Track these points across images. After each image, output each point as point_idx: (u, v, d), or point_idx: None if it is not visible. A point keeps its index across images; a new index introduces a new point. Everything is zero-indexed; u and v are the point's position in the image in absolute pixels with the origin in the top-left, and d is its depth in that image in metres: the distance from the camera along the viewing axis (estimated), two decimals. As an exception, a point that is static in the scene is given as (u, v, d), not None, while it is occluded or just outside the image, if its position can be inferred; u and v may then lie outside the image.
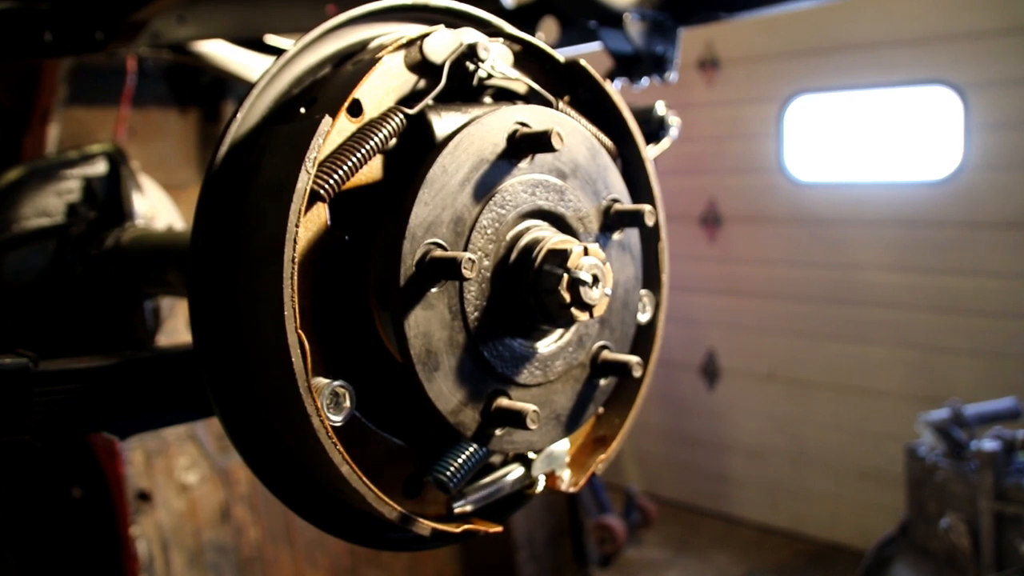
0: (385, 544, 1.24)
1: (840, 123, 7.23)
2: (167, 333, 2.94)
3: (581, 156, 1.21)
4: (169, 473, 4.36)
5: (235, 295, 1.08)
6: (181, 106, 4.40)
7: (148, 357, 1.46)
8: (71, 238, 2.11)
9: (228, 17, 2.12)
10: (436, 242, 1.04)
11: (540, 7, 2.50)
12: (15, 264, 2.09)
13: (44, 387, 1.31)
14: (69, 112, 3.58)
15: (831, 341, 7.19)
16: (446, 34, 1.17)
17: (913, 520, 4.88)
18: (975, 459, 4.48)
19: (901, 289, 6.78)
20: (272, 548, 4.79)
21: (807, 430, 7.44)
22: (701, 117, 7.65)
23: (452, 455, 1.17)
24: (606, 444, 1.34)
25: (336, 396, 1.04)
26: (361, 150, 1.07)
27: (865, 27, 6.70)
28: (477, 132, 1.09)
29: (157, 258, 1.93)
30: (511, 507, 1.33)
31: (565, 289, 1.08)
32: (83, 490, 2.43)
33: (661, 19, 2.45)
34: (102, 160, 2.31)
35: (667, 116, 1.94)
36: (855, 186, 7.10)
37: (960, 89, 6.36)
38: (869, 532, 5.96)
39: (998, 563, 4.34)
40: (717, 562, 7.35)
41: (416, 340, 1.03)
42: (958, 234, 6.51)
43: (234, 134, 1.14)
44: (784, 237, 7.42)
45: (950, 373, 6.57)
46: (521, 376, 1.14)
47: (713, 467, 8.10)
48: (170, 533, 4.34)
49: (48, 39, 2.04)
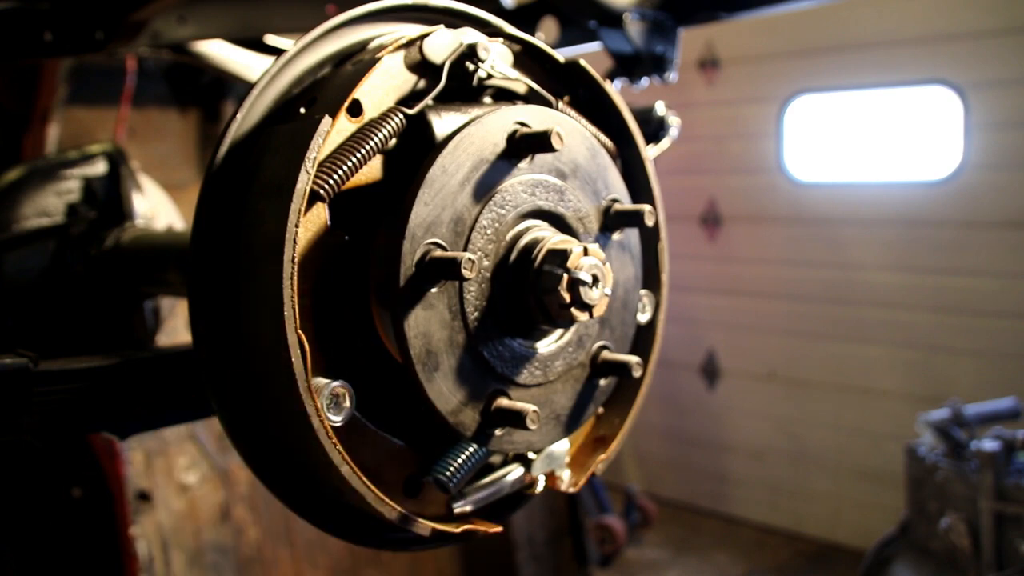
0: (385, 544, 1.24)
1: (840, 123, 7.23)
2: (167, 333, 2.94)
3: (581, 156, 1.21)
4: (169, 473, 4.36)
5: (235, 295, 1.08)
6: (181, 106, 4.40)
7: (148, 357, 1.46)
8: (71, 238, 2.11)
9: (228, 17, 2.12)
10: (436, 242, 1.04)
11: (540, 7, 2.50)
12: (15, 264, 2.09)
13: (44, 387, 1.32)
14: (69, 112, 3.58)
15: (831, 341, 7.19)
16: (446, 34, 1.17)
17: (913, 520, 4.88)
18: (975, 459, 4.47)
19: (901, 289, 6.78)
20: (272, 548, 4.78)
21: (807, 430, 7.44)
22: (701, 117, 7.65)
23: (452, 455, 1.17)
24: (606, 444, 1.34)
25: (336, 396, 1.04)
26: (361, 150, 1.07)
27: (865, 27, 6.69)
28: (477, 132, 1.09)
29: (157, 258, 1.93)
30: (511, 507, 1.33)
31: (565, 289, 1.08)
32: (83, 490, 2.43)
33: (661, 19, 2.45)
34: (102, 160, 2.31)
35: (667, 116, 1.95)
36: (855, 186, 7.09)
37: (960, 89, 6.35)
38: (869, 532, 5.95)
39: (998, 563, 4.34)
40: (717, 562, 7.34)
41: (416, 340, 1.03)
42: (958, 234, 6.50)
43: (234, 134, 1.14)
44: (784, 237, 7.42)
45: (950, 373, 6.57)
46: (521, 376, 1.14)
47: (713, 467, 8.10)
48: (170, 533, 4.34)
49: (48, 39, 2.04)
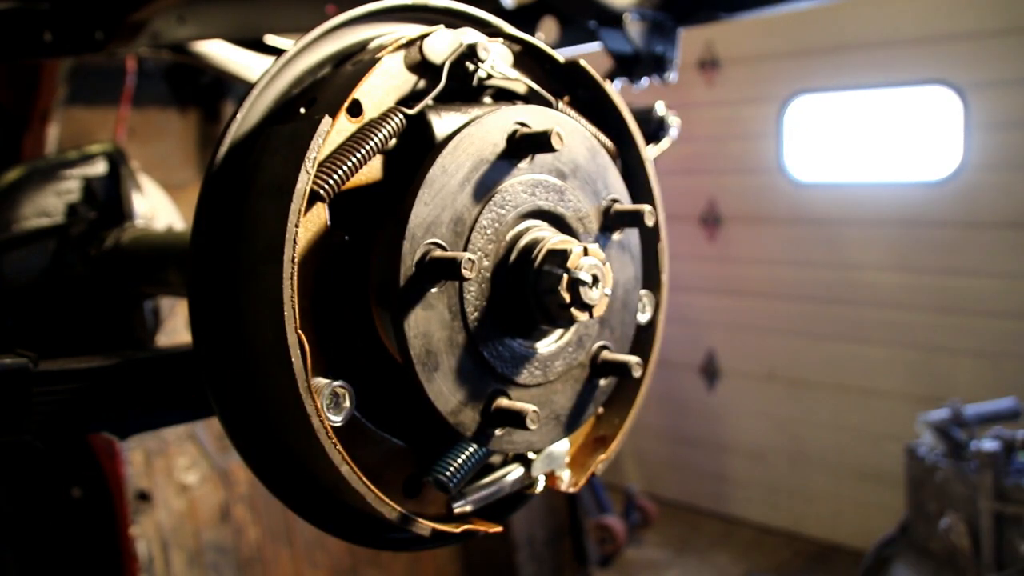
0: (385, 544, 1.24)
1: (840, 123, 7.23)
2: (167, 333, 2.95)
3: (581, 156, 1.20)
4: (169, 473, 4.36)
5: (235, 295, 1.08)
6: (181, 106, 4.40)
7: (148, 357, 1.46)
8: (71, 238, 2.11)
9: (228, 17, 2.11)
10: (436, 242, 1.04)
11: (540, 7, 2.50)
12: (15, 264, 2.09)
13: (44, 387, 1.31)
14: (69, 112, 3.58)
15: (831, 341, 7.19)
16: (446, 34, 1.17)
17: (913, 520, 4.88)
18: (975, 459, 4.48)
19: (901, 289, 6.78)
20: (272, 548, 4.78)
21: (807, 430, 7.44)
22: (701, 117, 7.65)
23: (452, 455, 1.17)
24: (606, 444, 1.34)
25: (336, 396, 1.04)
26: (361, 150, 1.07)
27: (865, 27, 6.69)
28: (477, 132, 1.09)
29: (157, 258, 1.93)
30: (511, 507, 1.33)
31: (565, 289, 1.08)
32: (83, 490, 2.43)
33: (661, 19, 2.45)
34: (102, 160, 2.31)
35: (667, 116, 1.95)
36: (855, 186, 7.09)
37: (960, 89, 6.35)
38: (869, 532, 5.96)
39: (998, 563, 4.35)
40: (717, 562, 7.34)
41: (416, 340, 1.03)
42: (958, 234, 6.50)
43: (234, 134, 1.14)
44: (784, 237, 7.42)
45: (950, 373, 6.57)
46: (521, 376, 1.14)
47: (713, 467, 8.10)
48: (170, 533, 4.34)
49: (48, 39, 2.04)
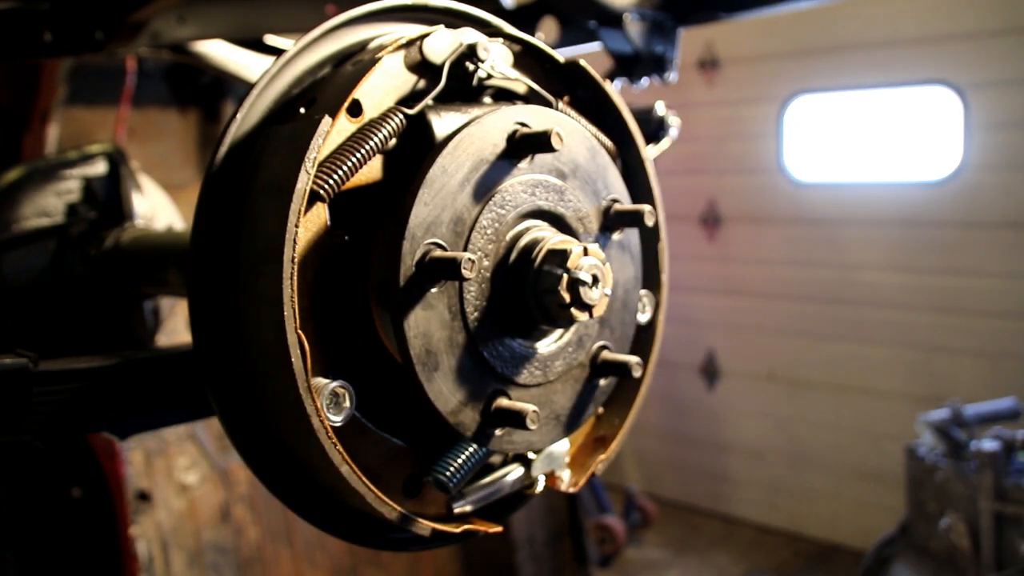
0: (385, 544, 1.24)
1: (840, 123, 7.23)
2: (167, 333, 2.95)
3: (581, 156, 1.20)
4: (169, 473, 4.36)
5: (235, 295, 1.08)
6: (181, 106, 4.40)
7: (148, 357, 1.46)
8: (71, 238, 2.11)
9: (228, 17, 2.11)
10: (436, 242, 1.04)
11: (540, 7, 2.50)
12: (15, 264, 2.09)
13: (44, 387, 1.31)
14: (69, 112, 3.58)
15: (831, 341, 7.19)
16: (446, 34, 1.17)
17: (913, 520, 4.88)
18: (975, 459, 4.48)
19: (901, 289, 6.78)
20: (272, 548, 4.78)
21: (807, 430, 7.44)
22: (701, 117, 7.65)
23: (452, 455, 1.17)
24: (606, 444, 1.34)
25: (336, 396, 1.04)
26: (361, 150, 1.07)
27: (865, 27, 6.69)
28: (477, 132, 1.09)
29: (157, 258, 1.93)
30: (511, 507, 1.33)
31: (565, 289, 1.08)
32: (83, 490, 2.43)
33: (661, 19, 2.45)
34: (102, 160, 2.31)
35: (667, 116, 1.95)
36: (855, 186, 7.09)
37: (960, 89, 6.35)
38: (869, 532, 5.96)
39: (998, 563, 4.34)
40: (717, 562, 7.34)
41: (416, 340, 1.03)
42: (958, 234, 6.50)
43: (234, 134, 1.14)
44: (784, 237, 7.42)
45: (950, 373, 6.57)
46: (521, 376, 1.14)
47: (713, 467, 8.10)
48: (170, 533, 4.34)
49: (48, 39, 2.04)
